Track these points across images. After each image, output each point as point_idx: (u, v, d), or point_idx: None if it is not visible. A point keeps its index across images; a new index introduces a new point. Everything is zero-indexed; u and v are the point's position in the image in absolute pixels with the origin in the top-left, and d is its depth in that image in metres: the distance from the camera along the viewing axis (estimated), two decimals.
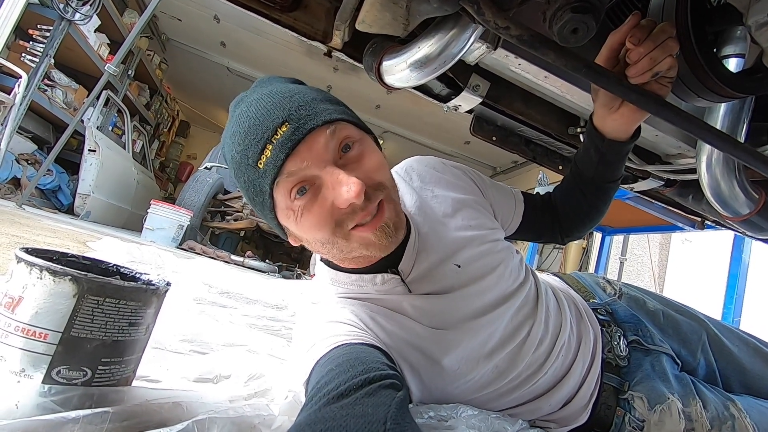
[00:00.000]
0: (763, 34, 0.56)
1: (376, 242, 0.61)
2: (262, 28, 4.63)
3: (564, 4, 0.55)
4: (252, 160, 0.57)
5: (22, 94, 2.96)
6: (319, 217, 0.59)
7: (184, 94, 7.56)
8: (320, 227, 0.59)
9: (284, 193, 0.58)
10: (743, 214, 0.90)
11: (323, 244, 0.62)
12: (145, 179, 5.11)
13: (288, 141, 0.55)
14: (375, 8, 0.65)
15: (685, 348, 0.87)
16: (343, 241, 0.61)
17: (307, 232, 0.61)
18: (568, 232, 0.94)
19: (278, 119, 0.56)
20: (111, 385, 0.58)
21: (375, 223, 0.60)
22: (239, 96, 0.66)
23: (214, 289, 1.95)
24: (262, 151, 0.56)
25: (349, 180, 0.56)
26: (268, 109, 0.57)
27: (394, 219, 0.62)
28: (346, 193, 0.55)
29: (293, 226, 0.62)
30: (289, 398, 0.69)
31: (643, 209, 2.28)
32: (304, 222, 0.59)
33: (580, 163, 0.84)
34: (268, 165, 0.56)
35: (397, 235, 0.63)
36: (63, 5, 3.22)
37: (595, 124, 0.77)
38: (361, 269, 0.70)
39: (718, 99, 0.69)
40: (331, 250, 0.64)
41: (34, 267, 0.55)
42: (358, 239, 0.61)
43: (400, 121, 6.07)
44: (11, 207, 2.90)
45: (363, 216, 0.59)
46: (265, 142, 0.56)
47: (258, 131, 0.57)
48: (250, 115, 0.58)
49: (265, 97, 0.59)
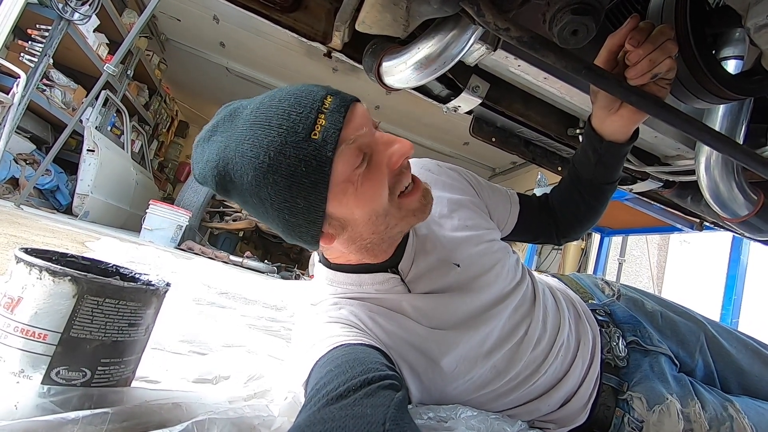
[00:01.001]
0: (762, 36, 0.57)
1: (422, 206, 0.65)
2: (261, 28, 4.62)
3: (564, 6, 0.55)
4: (304, 133, 0.54)
5: (21, 93, 2.95)
6: (378, 183, 0.60)
7: (183, 95, 7.55)
8: (380, 194, 0.61)
9: (349, 159, 0.57)
10: (742, 216, 0.91)
11: (377, 217, 0.62)
12: (144, 179, 5.10)
13: (341, 107, 0.56)
14: (375, 9, 0.65)
15: (684, 349, 0.88)
16: (396, 210, 0.63)
17: (366, 203, 0.60)
18: (565, 233, 0.94)
19: (321, 93, 0.57)
20: (110, 386, 0.58)
21: (418, 187, 0.65)
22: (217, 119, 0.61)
23: (213, 290, 1.95)
24: (315, 122, 0.55)
25: (399, 138, 0.61)
26: (302, 90, 0.57)
27: (427, 188, 0.67)
28: (401, 147, 0.60)
29: (350, 201, 0.59)
30: (288, 399, 0.69)
31: (641, 210, 2.29)
32: (363, 192, 0.59)
33: (578, 165, 0.84)
34: (328, 131, 0.55)
35: (432, 200, 0.68)
36: (62, 5, 3.21)
37: (593, 125, 0.77)
38: (361, 269, 0.70)
39: (716, 101, 0.69)
40: (380, 226, 0.63)
41: (33, 267, 0.55)
42: (407, 205, 0.64)
43: (399, 121, 6.07)
44: (9, 207, 2.90)
45: (407, 177, 0.64)
46: (317, 111, 0.55)
47: (305, 104, 0.56)
48: (282, 98, 0.57)
49: (282, 90, 0.59)
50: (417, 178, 0.66)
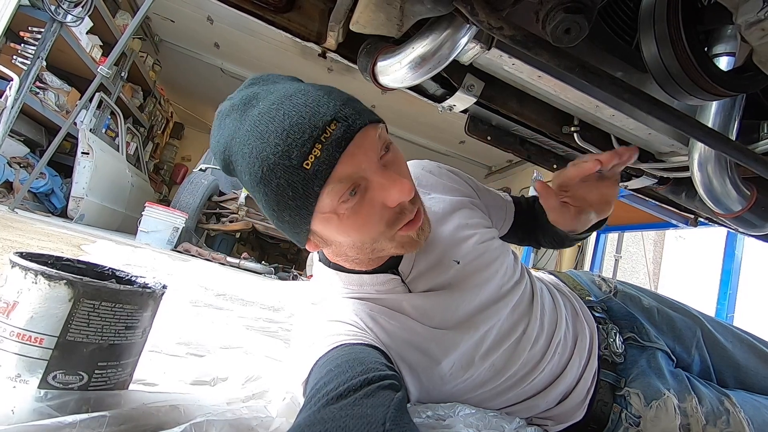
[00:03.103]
0: (753, 33, 0.57)
1: (416, 240, 0.63)
2: (255, 29, 4.61)
3: (556, 5, 0.55)
4: (297, 161, 0.52)
5: (14, 96, 2.93)
6: (367, 219, 0.58)
7: (178, 96, 7.52)
8: (367, 228, 0.59)
9: (335, 195, 0.55)
10: (735, 211, 0.91)
11: (362, 244, 0.62)
12: (140, 181, 5.08)
13: (342, 140, 0.52)
14: (369, 9, 0.65)
15: (680, 344, 0.88)
16: (386, 241, 0.62)
17: (350, 234, 0.60)
18: (544, 245, 0.99)
19: (327, 116, 0.53)
20: (108, 389, 0.58)
21: (416, 222, 0.62)
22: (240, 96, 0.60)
23: (210, 292, 1.94)
24: (310, 151, 0.52)
25: (401, 179, 0.56)
26: (311, 105, 0.53)
27: (426, 219, 0.65)
28: (399, 192, 0.56)
29: (332, 229, 0.59)
30: (286, 400, 0.69)
31: (637, 207, 2.30)
32: (349, 224, 0.58)
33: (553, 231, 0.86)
34: (320, 165, 0.52)
35: (428, 232, 0.66)
36: (54, 7, 3.19)
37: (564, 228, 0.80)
38: (362, 270, 0.70)
39: (709, 97, 0.70)
40: (364, 252, 0.64)
41: (29, 271, 0.55)
42: (400, 239, 0.62)
43: (395, 121, 6.07)
44: (4, 211, 2.88)
45: (409, 216, 0.61)
46: (314, 141, 0.52)
47: (304, 129, 0.52)
48: (288, 112, 0.53)
49: (298, 94, 0.55)
50: (420, 212, 0.62)
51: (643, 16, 0.71)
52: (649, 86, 0.81)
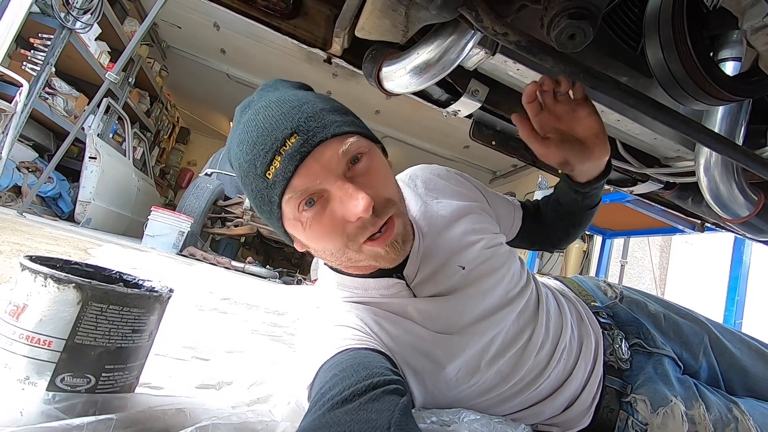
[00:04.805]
0: (759, 38, 0.57)
1: (385, 256, 0.62)
2: (261, 35, 4.65)
3: (561, 11, 0.55)
4: (260, 170, 0.56)
5: (23, 102, 2.97)
6: (328, 229, 0.59)
7: (184, 101, 7.59)
8: (330, 239, 0.60)
9: (293, 205, 0.57)
10: (743, 216, 0.91)
11: (332, 253, 0.63)
12: (146, 186, 5.12)
13: (297, 153, 0.55)
14: (374, 15, 0.65)
15: (687, 351, 0.87)
16: (354, 253, 0.62)
17: (315, 242, 0.62)
18: (557, 244, 0.99)
19: (287, 130, 0.55)
20: (115, 392, 0.59)
21: (385, 238, 0.60)
22: (246, 101, 0.65)
23: (216, 296, 1.95)
24: (270, 162, 0.55)
25: (358, 194, 0.55)
26: (277, 118, 0.56)
27: (402, 233, 0.63)
28: (354, 207, 0.55)
29: (301, 235, 0.62)
30: (291, 404, 0.69)
31: (643, 212, 2.29)
32: (312, 232, 0.60)
33: (563, 201, 0.89)
34: (278, 177, 0.56)
35: (405, 248, 0.64)
36: (64, 14, 3.24)
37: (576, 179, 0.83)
38: (365, 274, 0.71)
39: (715, 102, 0.70)
40: (339, 259, 0.64)
41: (38, 275, 0.56)
42: (368, 252, 0.61)
43: (399, 126, 6.08)
44: (12, 215, 2.91)
45: (372, 230, 0.60)
46: (274, 153, 0.55)
47: (267, 141, 0.56)
48: (258, 124, 0.57)
49: (273, 105, 0.58)
50: (391, 225, 0.61)
51: (648, 21, 0.71)
52: (654, 91, 0.81)
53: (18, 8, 2.89)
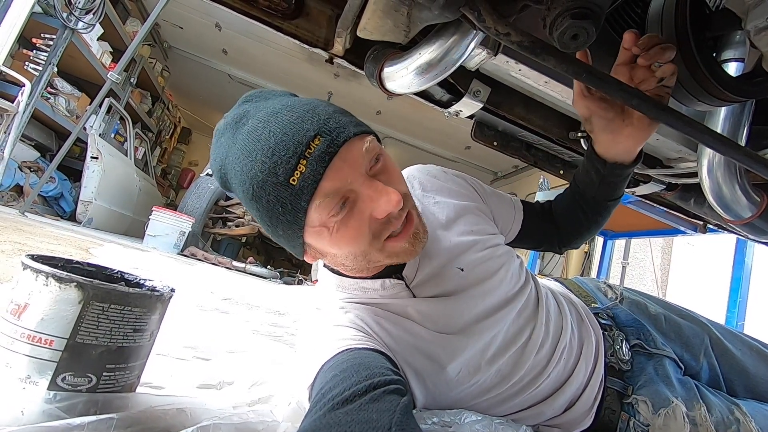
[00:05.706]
0: (762, 39, 0.57)
1: (410, 249, 0.62)
2: (263, 35, 4.66)
3: (564, 11, 0.55)
4: (283, 177, 0.53)
5: (26, 102, 2.98)
6: (356, 231, 0.58)
7: (186, 101, 7.60)
8: (358, 240, 0.59)
9: (323, 209, 0.55)
10: (745, 218, 0.90)
11: (355, 256, 0.62)
12: (147, 186, 5.12)
13: (325, 155, 0.53)
14: (376, 15, 0.65)
15: (688, 352, 0.87)
16: (377, 253, 0.61)
17: (341, 247, 0.60)
18: (566, 242, 0.95)
19: (310, 132, 0.54)
20: (116, 392, 0.59)
21: (407, 232, 0.61)
22: (233, 114, 0.62)
23: (217, 296, 1.95)
24: (295, 167, 0.53)
25: (388, 190, 0.56)
26: (294, 122, 0.54)
27: (421, 225, 0.64)
28: (386, 203, 0.56)
29: (324, 242, 0.60)
30: (292, 404, 0.69)
31: (644, 213, 2.28)
32: (339, 237, 0.58)
33: (581, 183, 0.85)
34: (306, 181, 0.53)
35: (424, 239, 0.65)
36: (66, 14, 3.25)
37: (596, 150, 0.78)
38: (366, 276, 0.70)
39: (718, 103, 0.70)
40: (360, 262, 0.63)
41: (40, 274, 0.56)
42: (392, 248, 0.62)
43: (401, 126, 6.08)
44: (14, 214, 2.91)
45: (396, 225, 0.60)
46: (299, 157, 0.53)
47: (288, 146, 0.53)
48: (272, 130, 0.55)
49: (283, 111, 0.56)
50: (411, 219, 0.62)
51: (651, 21, 0.71)
52: None
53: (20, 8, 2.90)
